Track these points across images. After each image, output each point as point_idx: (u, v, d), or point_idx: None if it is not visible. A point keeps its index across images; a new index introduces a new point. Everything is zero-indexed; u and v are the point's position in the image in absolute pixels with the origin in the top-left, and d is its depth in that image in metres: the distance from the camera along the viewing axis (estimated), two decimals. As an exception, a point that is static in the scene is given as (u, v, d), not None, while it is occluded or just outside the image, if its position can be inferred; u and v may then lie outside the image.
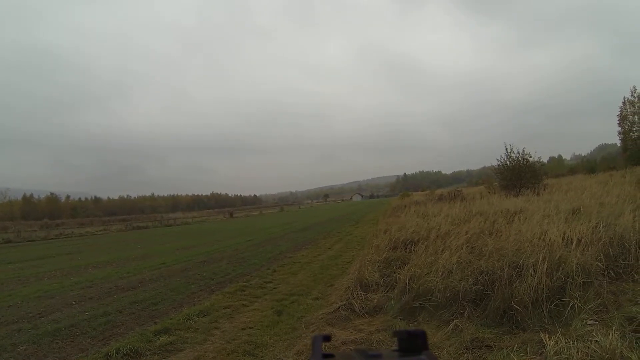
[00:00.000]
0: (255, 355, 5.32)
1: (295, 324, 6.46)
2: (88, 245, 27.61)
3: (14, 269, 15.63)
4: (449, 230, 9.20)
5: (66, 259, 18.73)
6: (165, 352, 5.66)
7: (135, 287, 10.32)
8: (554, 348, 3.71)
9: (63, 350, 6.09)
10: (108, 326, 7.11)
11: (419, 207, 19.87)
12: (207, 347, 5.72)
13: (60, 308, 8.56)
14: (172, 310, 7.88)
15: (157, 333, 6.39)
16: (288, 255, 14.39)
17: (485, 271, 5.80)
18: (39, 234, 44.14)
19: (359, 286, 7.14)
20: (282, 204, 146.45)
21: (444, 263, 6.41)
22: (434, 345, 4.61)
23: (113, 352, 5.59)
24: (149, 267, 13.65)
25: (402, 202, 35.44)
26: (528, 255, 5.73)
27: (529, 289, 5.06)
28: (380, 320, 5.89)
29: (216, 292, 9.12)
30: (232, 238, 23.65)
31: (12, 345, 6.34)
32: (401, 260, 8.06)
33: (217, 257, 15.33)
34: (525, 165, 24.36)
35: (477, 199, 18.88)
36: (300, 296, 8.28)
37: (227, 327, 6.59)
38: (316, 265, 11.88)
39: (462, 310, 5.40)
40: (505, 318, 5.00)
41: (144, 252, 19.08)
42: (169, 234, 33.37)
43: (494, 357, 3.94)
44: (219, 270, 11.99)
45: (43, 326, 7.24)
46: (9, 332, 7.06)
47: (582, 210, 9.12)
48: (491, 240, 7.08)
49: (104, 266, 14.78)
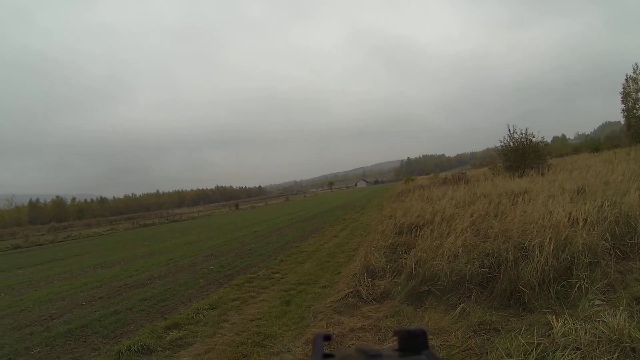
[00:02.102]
0: (265, 346, 5.33)
1: (304, 313, 6.47)
2: (96, 245, 27.79)
3: (25, 274, 15.77)
4: (453, 213, 9.19)
5: (75, 260, 18.86)
6: (176, 347, 5.71)
7: (144, 284, 10.38)
8: (561, 329, 3.69)
9: (76, 350, 6.17)
10: (119, 324, 7.18)
11: (423, 191, 19.89)
12: (216, 340, 5.76)
13: (71, 309, 8.63)
14: (181, 305, 7.93)
15: (167, 328, 6.44)
16: (294, 245, 14.42)
17: (491, 253, 5.78)
18: (47, 237, 44.34)
19: (365, 273, 7.14)
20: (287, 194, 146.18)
21: (450, 247, 6.38)
22: (441, 330, 4.62)
23: (125, 349, 5.64)
24: (156, 263, 13.73)
25: (407, 186, 35.42)
26: (534, 237, 5.69)
27: (536, 271, 5.03)
28: (388, 307, 5.88)
29: (224, 285, 9.16)
30: (238, 230, 23.71)
31: (25, 349, 6.42)
32: (407, 245, 8.04)
33: (223, 250, 15.39)
34: (528, 146, 24.19)
35: (481, 181, 18.85)
36: (308, 285, 8.30)
37: (236, 320, 6.62)
38: (323, 254, 11.90)
39: (469, 293, 5.39)
40: (512, 300, 4.98)
41: (152, 250, 19.18)
42: (176, 230, 33.44)
43: (502, 340, 3.92)
44: (226, 263, 12.03)
45: (55, 328, 7.32)
46: (22, 335, 7.14)
47: (587, 190, 9.05)
48: (496, 222, 7.05)
49: (113, 265, 14.88)
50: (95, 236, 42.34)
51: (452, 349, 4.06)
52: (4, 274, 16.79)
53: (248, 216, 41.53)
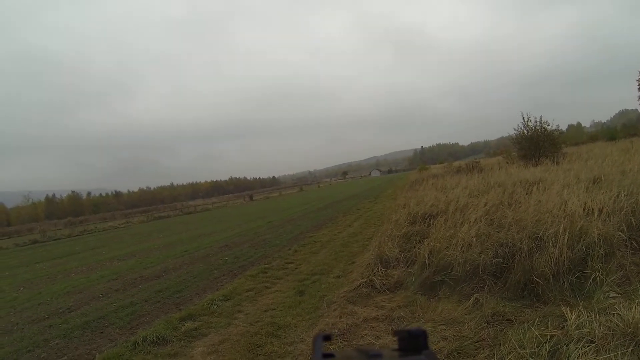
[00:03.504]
0: (279, 336, 5.37)
1: (317, 303, 6.49)
2: (111, 239, 28.18)
3: (42, 268, 16.07)
4: (467, 202, 9.11)
5: (91, 254, 19.12)
6: (191, 338, 5.77)
7: (160, 276, 10.51)
8: (575, 322, 3.67)
9: (93, 341, 6.28)
10: (135, 316, 7.29)
11: (437, 180, 19.71)
12: (231, 331, 5.80)
13: (88, 302, 8.80)
14: (196, 297, 8.02)
15: (182, 319, 6.51)
16: (309, 235, 14.46)
17: (505, 243, 5.74)
18: (64, 232, 45.24)
19: (379, 262, 7.11)
20: (301, 184, 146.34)
21: (463, 236, 6.33)
22: (454, 320, 4.62)
23: (140, 340, 5.72)
24: (171, 255, 13.87)
25: (420, 175, 35.20)
26: (548, 227, 5.63)
27: (550, 261, 4.99)
28: (401, 296, 5.88)
29: (238, 276, 9.23)
30: (253, 221, 23.82)
31: (44, 341, 6.56)
32: (420, 235, 8.00)
33: (238, 241, 15.49)
34: (543, 134, 23.73)
35: (495, 170, 18.62)
36: (322, 275, 8.33)
37: (250, 310, 6.67)
38: (337, 243, 11.92)
39: (483, 283, 5.38)
40: (526, 291, 4.95)
41: (166, 242, 19.39)
42: (190, 222, 33.78)
43: (515, 331, 3.91)
44: (241, 254, 12.12)
45: (73, 320, 7.48)
46: (41, 328, 7.30)
47: (603, 179, 8.91)
48: (510, 211, 6.97)
49: (128, 258, 15.08)
50: (111, 230, 43.06)
51: (465, 339, 4.05)
52: (22, 268, 17.14)
53: (262, 207, 41.72)
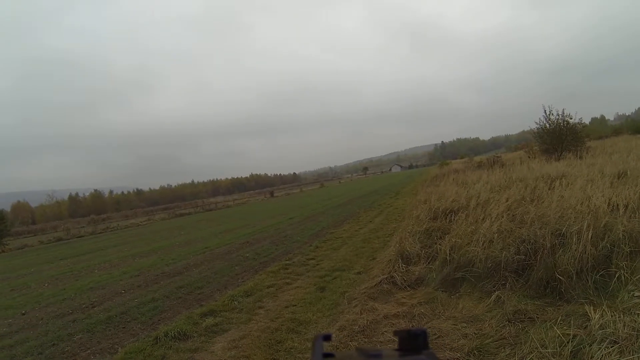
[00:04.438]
0: (299, 332, 5.39)
1: (338, 299, 6.50)
2: (133, 236, 28.59)
3: (67, 264, 16.42)
4: (488, 198, 9.03)
5: (114, 251, 19.45)
6: (211, 333, 5.83)
7: (181, 272, 10.63)
8: (598, 321, 3.60)
9: (115, 336, 6.41)
10: (156, 311, 7.41)
11: (458, 175, 19.57)
12: (251, 327, 5.85)
13: (111, 297, 8.96)
14: (217, 293, 8.09)
15: (203, 315, 6.58)
16: (330, 231, 14.47)
17: (527, 240, 5.66)
18: (87, 229, 46.18)
19: (400, 259, 7.09)
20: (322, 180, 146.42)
21: (485, 232, 6.27)
22: (475, 318, 4.59)
23: (162, 335, 5.80)
24: (193, 252, 14.01)
25: (441, 171, 34.88)
26: (571, 223, 5.53)
27: (573, 259, 4.89)
28: (422, 293, 5.85)
29: (259, 272, 9.29)
30: (273, 217, 23.94)
31: (68, 335, 6.71)
32: (442, 231, 7.96)
33: (259, 237, 15.59)
34: (565, 128, 23.25)
35: (516, 165, 18.43)
36: (343, 271, 8.32)
37: (270, 306, 6.71)
38: (358, 239, 11.90)
39: (504, 281, 5.31)
40: (549, 289, 4.87)
41: (188, 238, 19.55)
42: (211, 219, 34.00)
43: (537, 330, 3.85)
44: (262, 251, 12.21)
45: (96, 315, 7.64)
46: (65, 323, 7.46)
47: (629, 174, 8.74)
48: (532, 207, 6.88)
49: (150, 255, 15.27)
50: (133, 227, 43.77)
51: (485, 337, 4.02)
52: (47, 265, 17.51)
53: (283, 203, 41.84)
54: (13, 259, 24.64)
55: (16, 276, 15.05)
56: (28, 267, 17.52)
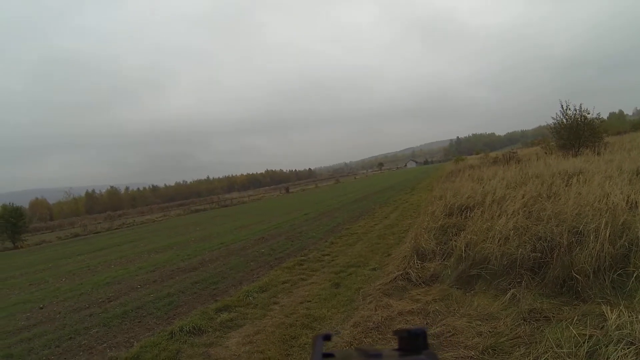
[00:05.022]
0: (313, 328, 5.41)
1: (353, 295, 6.51)
2: (149, 232, 28.94)
3: (84, 260, 16.67)
4: (504, 194, 8.97)
5: (130, 246, 19.71)
6: (226, 328, 5.88)
7: (196, 268, 10.71)
8: (615, 322, 3.54)
9: (131, 330, 6.51)
10: (172, 306, 7.49)
11: (473, 171, 19.48)
12: (266, 322, 5.89)
13: (127, 292, 9.08)
14: (232, 288, 8.15)
15: (218, 310, 6.64)
16: (345, 227, 14.48)
17: (543, 237, 5.60)
18: (103, 225, 47.10)
19: (415, 255, 7.07)
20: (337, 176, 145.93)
21: (501, 229, 6.21)
22: (490, 316, 4.56)
23: (177, 330, 5.87)
24: (208, 248, 14.08)
25: (456, 166, 34.74)
26: (589, 220, 5.46)
27: (590, 257, 4.82)
28: (437, 290, 5.83)
29: (274, 268, 9.33)
30: (289, 213, 23.99)
31: (85, 329, 6.83)
32: (457, 227, 7.91)
33: (274, 233, 15.64)
34: (583, 123, 22.86)
35: (533, 161, 18.15)
36: (358, 267, 8.33)
37: (285, 302, 6.74)
38: (373, 235, 11.90)
39: (520, 278, 5.25)
40: (565, 288, 4.82)
41: (203, 234, 19.69)
42: (226, 215, 34.20)
43: (552, 330, 3.81)
44: (277, 246, 12.25)
45: (112, 310, 7.76)
46: (82, 317, 7.60)
47: (648, 171, 8.65)
48: (549, 204, 6.80)
49: (166, 250, 15.42)
50: (149, 223, 44.32)
51: (500, 336, 3.99)
52: (64, 260, 17.80)
53: (298, 199, 41.91)
54: (31, 254, 25.12)
55: (34, 271, 15.35)
56: (46, 263, 17.86)
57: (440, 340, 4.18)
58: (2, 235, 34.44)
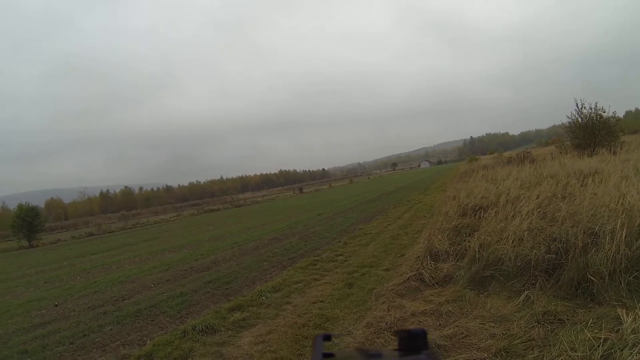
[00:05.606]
0: (326, 328, 5.43)
1: (366, 296, 6.52)
2: (163, 231, 29.23)
3: (98, 259, 16.94)
4: (518, 194, 8.88)
5: (143, 246, 19.96)
6: (239, 328, 5.93)
7: (209, 267, 10.80)
8: (631, 325, 3.50)
9: (144, 328, 6.60)
10: (184, 305, 7.57)
11: (487, 171, 19.31)
12: (278, 322, 5.92)
13: (141, 291, 9.20)
14: (245, 288, 8.21)
15: (230, 310, 6.69)
16: (358, 227, 14.51)
17: (558, 238, 5.55)
18: (117, 225, 47.58)
19: (428, 256, 7.02)
20: (351, 176, 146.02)
21: (515, 230, 6.16)
22: (504, 318, 4.52)
23: (190, 328, 5.93)
24: (221, 247, 14.20)
25: (470, 166, 34.47)
26: (605, 222, 5.37)
27: (606, 259, 4.74)
28: (450, 291, 5.79)
29: (288, 268, 9.38)
30: (303, 213, 24.09)
31: (98, 327, 6.95)
32: (471, 228, 7.85)
33: (288, 233, 15.72)
34: (598, 122, 22.47)
35: (547, 160, 17.95)
36: (371, 268, 8.34)
37: (298, 302, 6.78)
38: (386, 236, 11.93)
39: (534, 280, 5.20)
40: (580, 290, 4.75)
41: (216, 234, 19.85)
42: (240, 215, 34.47)
43: (567, 333, 3.76)
44: (290, 246, 12.31)
45: (125, 308, 7.88)
46: (96, 315, 7.73)
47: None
48: (564, 204, 6.71)
49: (179, 250, 15.58)
50: (162, 222, 44.75)
51: (513, 338, 3.95)
52: (79, 259, 18.09)
53: (312, 199, 42.00)
54: (47, 253, 25.51)
55: (50, 269, 15.64)
56: (61, 261, 18.16)
57: (452, 342, 4.16)
58: (19, 234, 35.12)
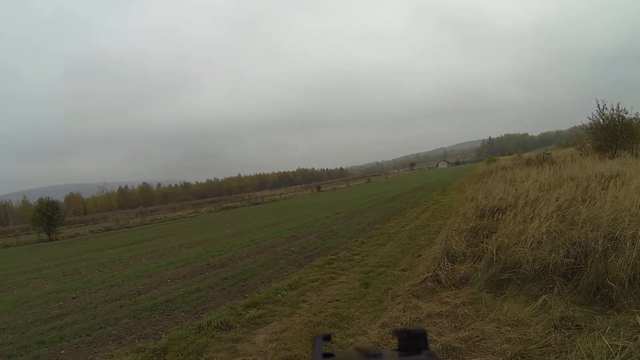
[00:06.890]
0: (341, 327, 5.44)
1: (382, 296, 6.52)
2: (180, 227, 29.44)
3: (116, 253, 17.15)
4: (537, 197, 8.79)
5: (161, 241, 20.16)
6: (254, 325, 5.97)
7: (226, 264, 10.87)
8: (651, 334, 3.45)
9: (160, 323, 6.69)
10: (200, 301, 7.65)
11: (506, 172, 19.15)
12: (294, 320, 5.95)
13: (157, 286, 9.32)
14: (261, 285, 8.26)
15: (246, 307, 6.73)
16: (376, 227, 14.51)
17: (577, 242, 5.46)
18: (135, 220, 47.99)
19: (445, 257, 7.00)
20: (369, 175, 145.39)
21: (533, 233, 6.08)
22: (520, 322, 4.47)
23: (205, 324, 5.99)
24: (238, 244, 14.28)
25: (488, 167, 34.19)
26: (626, 226, 5.29)
27: (627, 265, 4.66)
28: (467, 293, 5.76)
29: (304, 266, 9.42)
30: (320, 212, 24.08)
31: (115, 320, 7.07)
32: (488, 229, 7.81)
33: (305, 231, 15.76)
34: (620, 123, 21.95)
35: (567, 162, 17.68)
36: (388, 268, 8.33)
37: (314, 300, 6.80)
38: (404, 236, 11.91)
39: (552, 284, 5.13)
40: (599, 296, 4.67)
41: (233, 231, 19.90)
42: (257, 212, 34.58)
43: (584, 339, 3.71)
44: (307, 245, 12.35)
45: (142, 302, 8.00)
46: (113, 308, 7.85)
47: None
48: (584, 208, 6.61)
49: (196, 246, 15.67)
50: (180, 219, 45.10)
51: (529, 343, 3.91)
52: (97, 253, 18.31)
53: (330, 198, 41.95)
54: (66, 246, 25.92)
55: (68, 262, 15.89)
56: (79, 255, 18.42)
57: (467, 345, 4.13)
58: (38, 227, 35.80)
